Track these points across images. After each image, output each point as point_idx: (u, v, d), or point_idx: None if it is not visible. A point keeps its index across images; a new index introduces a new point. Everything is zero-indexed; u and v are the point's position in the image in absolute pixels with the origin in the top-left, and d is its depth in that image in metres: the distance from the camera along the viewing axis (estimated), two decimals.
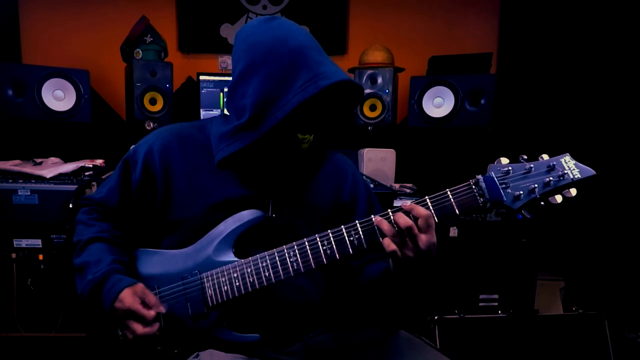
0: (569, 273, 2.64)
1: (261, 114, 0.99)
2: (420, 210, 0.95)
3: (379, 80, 2.49)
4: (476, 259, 2.21)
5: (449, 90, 2.41)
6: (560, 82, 2.80)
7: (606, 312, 1.99)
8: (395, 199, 2.18)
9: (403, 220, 0.94)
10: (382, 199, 1.79)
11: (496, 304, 2.23)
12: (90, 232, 1.16)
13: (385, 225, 0.96)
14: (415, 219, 0.95)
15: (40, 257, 2.01)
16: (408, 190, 2.34)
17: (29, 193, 1.94)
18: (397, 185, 2.40)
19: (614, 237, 2.49)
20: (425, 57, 2.63)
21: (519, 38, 2.91)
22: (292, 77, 0.97)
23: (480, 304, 2.23)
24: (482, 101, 2.38)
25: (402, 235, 0.95)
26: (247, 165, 1.11)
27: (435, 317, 1.93)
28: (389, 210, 0.99)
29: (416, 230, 0.94)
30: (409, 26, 2.99)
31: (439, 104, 2.44)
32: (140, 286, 1.06)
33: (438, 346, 1.66)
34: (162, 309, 1.05)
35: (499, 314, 2.00)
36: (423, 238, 0.94)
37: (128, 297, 1.03)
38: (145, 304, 1.03)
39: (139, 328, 1.02)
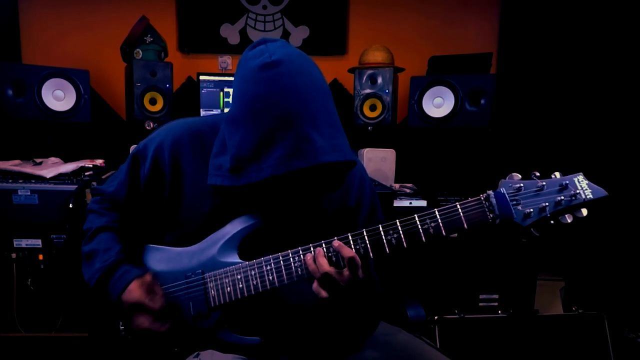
0: (569, 273, 2.64)
1: (240, 168, 0.95)
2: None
3: (379, 80, 2.48)
4: (476, 259, 2.21)
5: (449, 90, 2.41)
6: (560, 82, 2.80)
7: (606, 312, 2.00)
8: (395, 199, 2.18)
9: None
10: (382, 199, 1.78)
11: (496, 304, 2.24)
12: (101, 221, 1.16)
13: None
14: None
15: (40, 257, 2.01)
16: (408, 190, 2.34)
17: (29, 193, 1.94)
18: (397, 185, 2.40)
19: (613, 237, 2.49)
20: (425, 57, 2.63)
21: (519, 38, 2.91)
22: (272, 144, 0.90)
23: (480, 304, 2.24)
24: (482, 101, 2.38)
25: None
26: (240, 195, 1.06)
27: (435, 317, 1.93)
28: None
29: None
30: (409, 26, 2.99)
31: (439, 104, 2.44)
32: (148, 277, 1.06)
33: (438, 346, 1.66)
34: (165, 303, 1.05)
35: (499, 314, 2.00)
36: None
37: (136, 290, 1.03)
38: (152, 297, 1.04)
39: (146, 322, 1.03)
